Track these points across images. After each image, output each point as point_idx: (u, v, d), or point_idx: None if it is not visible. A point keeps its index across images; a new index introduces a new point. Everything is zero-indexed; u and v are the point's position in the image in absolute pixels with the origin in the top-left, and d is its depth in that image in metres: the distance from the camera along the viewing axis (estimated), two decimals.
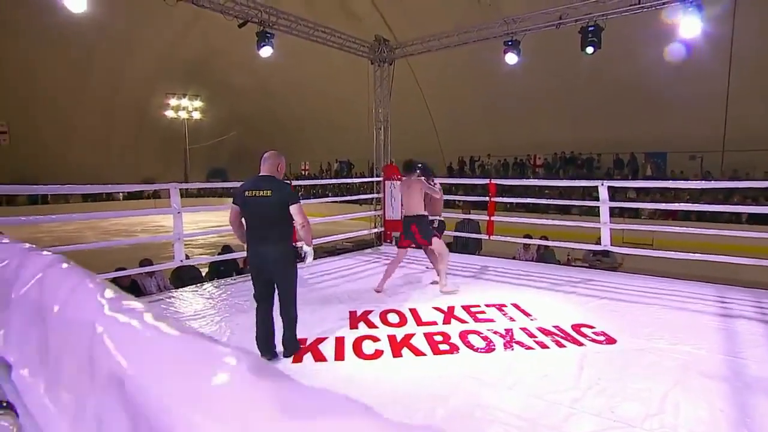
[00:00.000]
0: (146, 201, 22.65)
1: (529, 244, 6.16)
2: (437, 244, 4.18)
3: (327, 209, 16.60)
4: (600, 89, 13.54)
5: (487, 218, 5.61)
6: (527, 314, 3.56)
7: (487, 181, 5.70)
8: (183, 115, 26.22)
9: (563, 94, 14.74)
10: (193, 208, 7.10)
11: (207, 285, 4.54)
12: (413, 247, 4.26)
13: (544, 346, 2.94)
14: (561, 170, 15.50)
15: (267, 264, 2.72)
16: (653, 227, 5.24)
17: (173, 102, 25.50)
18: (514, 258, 6.26)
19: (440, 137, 18.33)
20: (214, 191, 30.14)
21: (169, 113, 25.66)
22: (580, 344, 2.94)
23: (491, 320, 3.44)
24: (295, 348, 2.86)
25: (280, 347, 2.86)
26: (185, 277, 5.04)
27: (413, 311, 3.62)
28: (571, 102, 14.74)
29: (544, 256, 6.27)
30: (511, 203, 13.14)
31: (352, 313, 3.60)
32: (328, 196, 19.31)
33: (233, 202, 2.78)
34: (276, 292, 2.81)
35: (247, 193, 2.72)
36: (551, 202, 8.36)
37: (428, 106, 16.84)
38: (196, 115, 26.84)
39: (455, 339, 3.07)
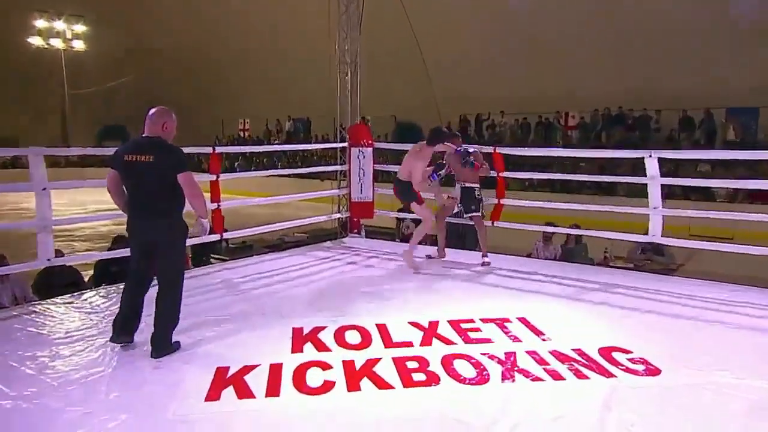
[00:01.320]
0: (5, 171, 22.06)
1: (551, 235, 6.24)
2: (421, 208, 5.02)
3: (273, 186, 16.44)
4: (660, 21, 13.64)
5: (495, 200, 5.66)
6: (538, 332, 3.63)
7: (491, 149, 5.74)
8: (57, 44, 25.07)
9: (608, 29, 14.87)
10: (66, 184, 6.91)
11: (89, 294, 4.49)
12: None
13: (558, 376, 2.98)
14: (603, 133, 15.75)
15: (146, 240, 3.15)
16: (735, 215, 5.13)
17: (42, 24, 24.32)
18: (529, 255, 6.35)
19: (435, 87, 18.30)
20: (105, 159, 28.71)
21: (36, 40, 24.53)
22: (610, 375, 2.99)
23: (487, 340, 3.49)
24: (166, 349, 3.18)
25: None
26: (56, 282, 4.96)
27: (381, 328, 3.68)
28: (620, 39, 14.89)
29: (572, 252, 6.37)
30: (531, 180, 13.51)
31: (297, 331, 3.61)
32: (276, 167, 19.09)
33: (111, 166, 3.19)
34: (155, 276, 3.19)
35: (126, 156, 3.10)
36: (587, 178, 8.58)
37: (418, 42, 16.71)
38: (78, 45, 25.81)
39: (435, 366, 3.11)
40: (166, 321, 3.21)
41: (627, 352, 3.28)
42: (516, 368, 3.09)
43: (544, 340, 3.49)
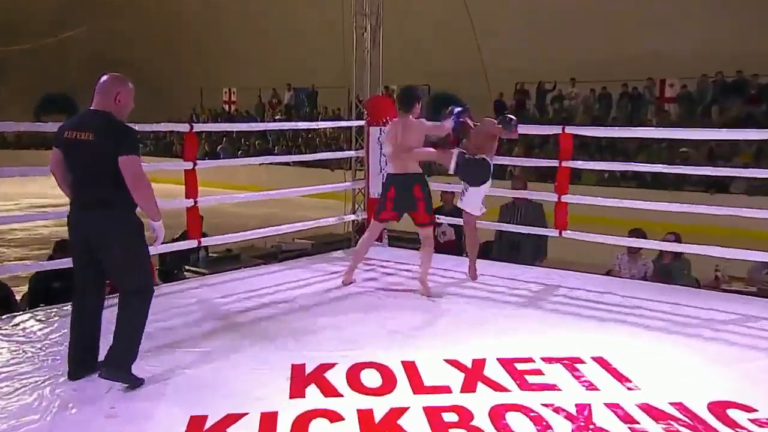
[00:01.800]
0: None
1: (639, 249, 6.19)
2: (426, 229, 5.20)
3: (268, 177, 16.64)
4: None
5: (556, 198, 5.66)
6: (622, 378, 3.61)
7: (559, 129, 5.72)
8: None
9: None
10: None
11: (23, 317, 4.58)
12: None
13: None
14: (715, 107, 15.51)
15: (87, 235, 3.31)
16: None
17: None
18: (608, 273, 6.31)
19: (483, 49, 18.31)
20: (46, 138, 29.63)
21: None
22: None
23: (552, 387, 3.49)
24: (123, 366, 3.31)
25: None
26: None
27: (409, 367, 3.68)
28: None
29: (670, 270, 6.31)
30: (610, 172, 13.40)
31: (297, 369, 3.64)
32: (271, 152, 19.31)
33: (54, 144, 3.39)
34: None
35: (66, 133, 3.30)
36: (691, 170, 8.44)
37: None
38: None
39: (482, 420, 3.11)
40: (121, 347, 3.31)
41: (749, 409, 3.26)
42: (592, 426, 3.07)
43: (630, 389, 3.47)
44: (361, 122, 7.24)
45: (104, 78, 3.36)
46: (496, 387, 3.45)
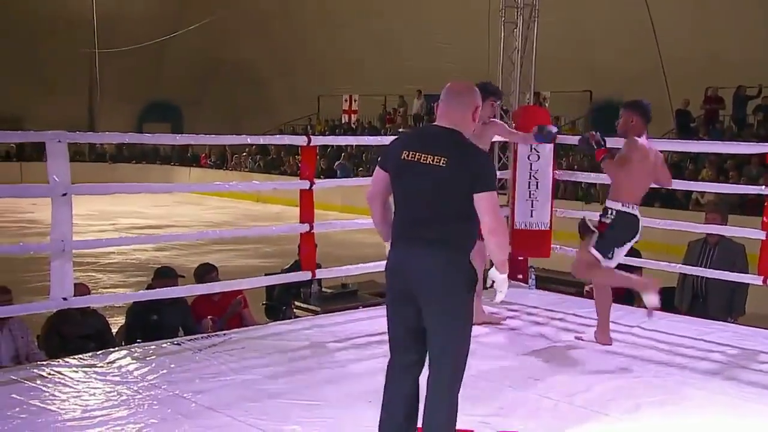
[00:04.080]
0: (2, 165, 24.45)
1: None
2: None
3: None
4: None
5: (763, 236, 5.37)
6: None
7: (765, 148, 5.47)
8: None
9: None
10: (97, 188, 7.63)
11: (118, 353, 4.82)
12: None
13: None
14: None
15: (411, 280, 3.09)
16: None
17: None
18: None
19: (663, 48, 17.68)
20: (149, 151, 31.62)
21: None
22: None
23: None
24: None
25: None
26: (73, 333, 5.34)
27: None
28: None
29: None
30: None
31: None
32: None
33: (379, 165, 3.29)
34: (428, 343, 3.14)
35: (405, 153, 3.12)
36: None
37: None
38: None
39: None
40: (446, 413, 3.08)
41: None
42: None
43: None
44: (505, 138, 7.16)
45: (459, 86, 3.26)
46: None
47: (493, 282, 3.27)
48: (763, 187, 5.52)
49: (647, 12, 14.18)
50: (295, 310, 7.13)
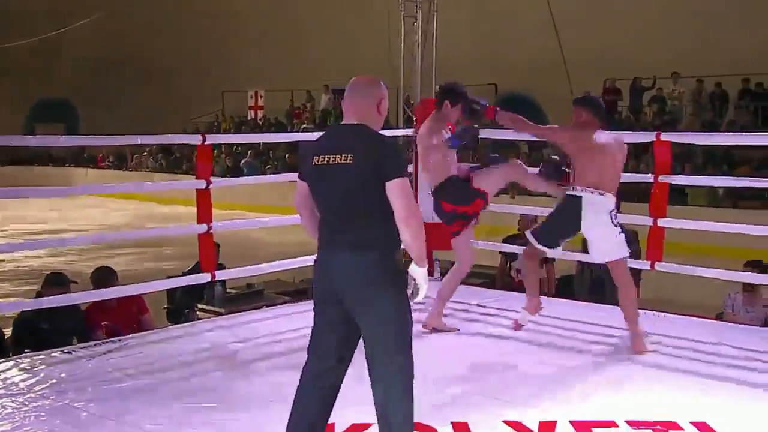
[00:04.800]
0: None
1: (758, 287, 6.05)
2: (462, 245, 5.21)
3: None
4: None
5: (650, 222, 5.61)
6: None
7: (652, 136, 5.69)
8: None
9: None
10: None
11: (5, 365, 4.70)
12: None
13: None
14: None
15: (337, 284, 3.10)
16: None
17: None
18: (719, 317, 6.20)
19: (564, 41, 18.18)
20: (42, 153, 30.91)
21: None
22: None
23: None
24: None
25: None
26: None
27: (460, 428, 3.71)
28: None
29: None
30: (730, 189, 12.94)
31: (326, 429, 3.66)
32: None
33: (299, 176, 3.30)
34: (355, 347, 3.16)
35: (315, 158, 3.13)
36: None
37: None
38: None
39: None
40: (403, 423, 3.07)
41: None
42: None
43: None
44: (410, 131, 7.26)
45: (361, 80, 3.25)
46: None
47: (414, 279, 3.14)
48: (650, 175, 5.72)
49: (547, 5, 14.56)
50: (198, 313, 7.08)
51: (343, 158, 3.03)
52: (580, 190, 4.86)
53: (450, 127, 5.32)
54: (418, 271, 3.09)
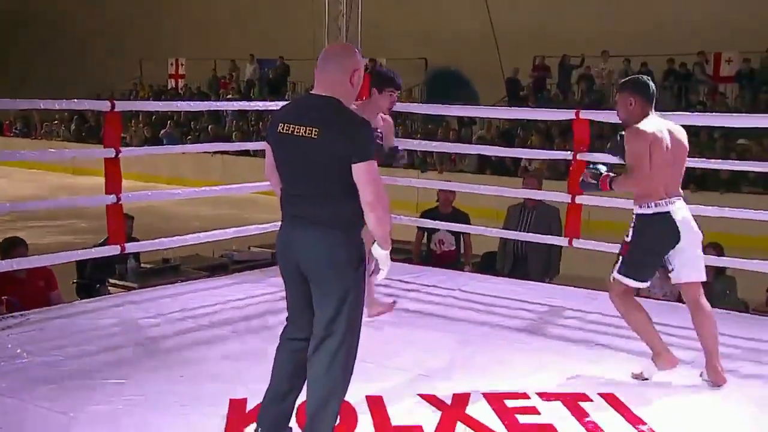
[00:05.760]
0: None
1: None
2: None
3: (222, 169, 16.62)
4: None
5: (569, 200, 5.70)
6: (634, 420, 3.64)
7: (572, 114, 5.77)
8: None
9: None
10: None
11: None
12: None
13: None
14: None
15: (296, 260, 3.13)
16: None
17: None
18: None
19: (494, 16, 18.36)
20: None
21: None
22: None
23: (549, 429, 3.53)
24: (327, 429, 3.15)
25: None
26: None
27: (374, 402, 3.75)
28: None
29: (710, 290, 6.34)
30: None
31: (236, 406, 3.70)
32: (227, 140, 19.27)
33: (265, 139, 3.29)
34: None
35: (281, 126, 3.11)
36: (749, 167, 8.52)
37: None
38: None
39: None
40: (327, 393, 3.10)
41: None
42: None
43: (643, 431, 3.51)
44: None
45: (336, 49, 3.22)
46: (479, 428, 3.49)
47: (376, 260, 3.19)
48: (569, 152, 5.83)
49: None
50: (110, 288, 6.96)
51: (307, 131, 2.98)
52: (664, 203, 4.21)
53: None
54: (381, 254, 3.15)
